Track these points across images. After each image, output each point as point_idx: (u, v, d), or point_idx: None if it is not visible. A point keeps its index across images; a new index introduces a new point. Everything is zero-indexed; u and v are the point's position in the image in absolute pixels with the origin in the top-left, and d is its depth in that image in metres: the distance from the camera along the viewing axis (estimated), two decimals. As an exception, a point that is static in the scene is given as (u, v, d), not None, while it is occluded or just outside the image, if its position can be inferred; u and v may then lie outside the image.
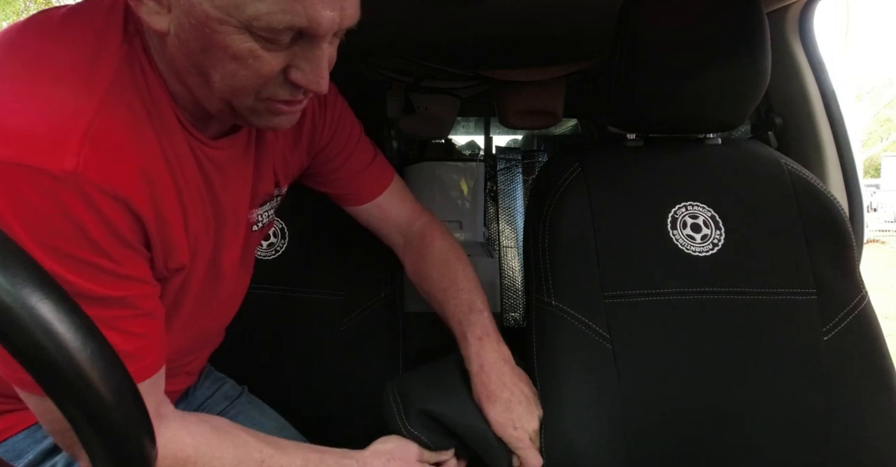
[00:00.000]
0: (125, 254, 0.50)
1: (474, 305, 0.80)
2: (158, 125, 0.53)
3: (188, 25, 0.46)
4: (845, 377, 0.78)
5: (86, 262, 0.47)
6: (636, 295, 0.80)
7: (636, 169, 0.86)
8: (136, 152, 0.50)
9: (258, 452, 0.61)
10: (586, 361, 0.78)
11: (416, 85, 1.54)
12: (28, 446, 0.63)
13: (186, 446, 0.57)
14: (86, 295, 0.48)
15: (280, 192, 0.75)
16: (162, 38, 0.50)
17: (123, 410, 0.31)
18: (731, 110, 0.83)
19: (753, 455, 0.76)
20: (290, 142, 0.73)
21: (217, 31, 0.46)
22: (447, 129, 1.72)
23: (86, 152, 0.45)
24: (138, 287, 0.53)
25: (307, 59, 0.50)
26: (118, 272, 0.50)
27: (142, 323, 0.53)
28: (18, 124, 0.44)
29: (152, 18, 0.47)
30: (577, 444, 0.75)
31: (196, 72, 0.50)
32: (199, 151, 0.58)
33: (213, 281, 0.67)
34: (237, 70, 0.49)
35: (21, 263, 0.29)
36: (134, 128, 0.50)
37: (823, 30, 1.10)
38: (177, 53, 0.50)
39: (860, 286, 0.83)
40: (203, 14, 0.45)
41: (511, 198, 1.88)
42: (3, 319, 0.27)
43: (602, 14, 1.07)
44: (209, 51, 0.48)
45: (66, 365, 0.29)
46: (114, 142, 0.48)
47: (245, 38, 0.46)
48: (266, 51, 0.48)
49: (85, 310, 0.43)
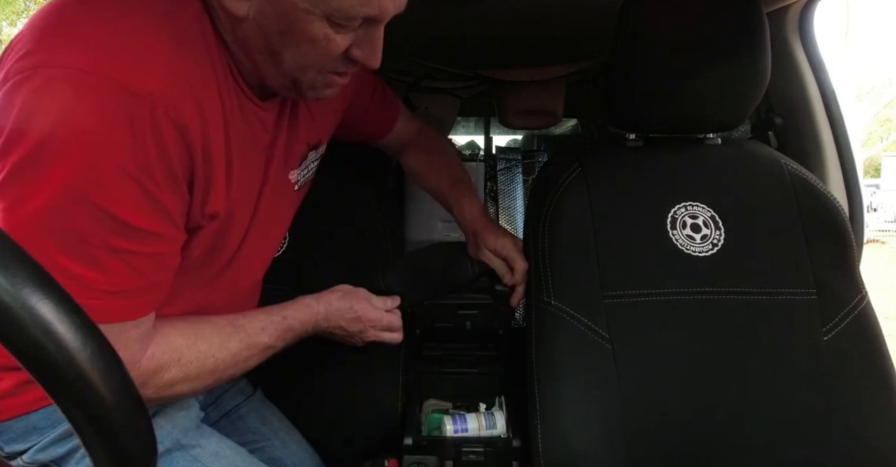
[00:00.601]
0: (169, 185, 0.54)
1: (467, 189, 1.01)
2: (221, 78, 0.58)
3: (271, 13, 0.53)
4: (845, 377, 0.78)
5: (134, 179, 0.51)
6: (636, 295, 0.80)
7: (636, 169, 0.86)
8: (199, 93, 0.55)
9: (229, 324, 0.69)
10: (586, 361, 0.78)
11: (416, 85, 1.54)
12: (50, 424, 0.65)
13: (174, 341, 0.63)
14: (122, 220, 0.52)
15: (317, 155, 0.82)
16: (237, 22, 0.55)
17: (123, 410, 0.31)
18: (731, 110, 0.83)
19: (753, 454, 0.76)
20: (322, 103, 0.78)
21: (300, 19, 0.53)
22: (447, 129, 1.72)
23: (163, 80, 0.51)
24: (167, 225, 0.56)
25: (368, 39, 0.58)
26: (157, 198, 0.53)
27: (150, 263, 0.57)
28: (112, 44, 0.50)
29: (232, 4, 0.53)
30: (577, 444, 0.75)
31: (267, 51, 0.57)
32: (249, 110, 0.63)
33: (262, 237, 0.74)
34: (310, 51, 0.56)
35: (21, 263, 0.29)
36: (200, 73, 0.56)
37: (823, 30, 1.10)
38: (251, 35, 0.56)
39: (860, 286, 0.83)
40: (290, 4, 0.52)
41: (511, 198, 1.87)
42: (3, 319, 0.27)
43: (602, 14, 1.07)
44: (287, 34, 0.54)
45: (66, 365, 0.29)
46: (184, 78, 0.53)
47: (323, 25, 0.54)
48: (337, 34, 0.55)
49: (112, 237, 0.51)
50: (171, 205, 0.56)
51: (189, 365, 0.63)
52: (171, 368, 0.62)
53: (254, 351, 0.70)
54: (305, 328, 0.77)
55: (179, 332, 0.64)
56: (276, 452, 0.89)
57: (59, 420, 0.64)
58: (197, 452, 0.72)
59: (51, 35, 0.51)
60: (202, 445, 0.73)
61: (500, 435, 0.95)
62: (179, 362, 0.63)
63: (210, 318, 0.69)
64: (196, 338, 0.65)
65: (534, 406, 0.79)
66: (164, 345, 0.62)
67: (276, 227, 0.81)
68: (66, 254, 0.51)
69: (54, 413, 0.64)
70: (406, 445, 0.91)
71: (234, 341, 0.68)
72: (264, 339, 0.71)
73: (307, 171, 0.81)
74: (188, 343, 0.64)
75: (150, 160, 0.52)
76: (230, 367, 0.68)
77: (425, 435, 0.96)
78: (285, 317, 0.75)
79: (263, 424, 0.91)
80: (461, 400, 1.07)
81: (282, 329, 0.74)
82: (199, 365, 0.64)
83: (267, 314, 0.74)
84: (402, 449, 0.91)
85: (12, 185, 0.50)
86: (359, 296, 0.84)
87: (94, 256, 0.52)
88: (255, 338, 0.70)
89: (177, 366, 0.62)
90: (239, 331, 0.69)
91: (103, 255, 0.52)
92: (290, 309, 0.77)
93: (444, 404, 1.07)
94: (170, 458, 0.69)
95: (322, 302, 0.80)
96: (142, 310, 0.58)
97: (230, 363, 0.67)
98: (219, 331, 0.68)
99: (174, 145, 0.53)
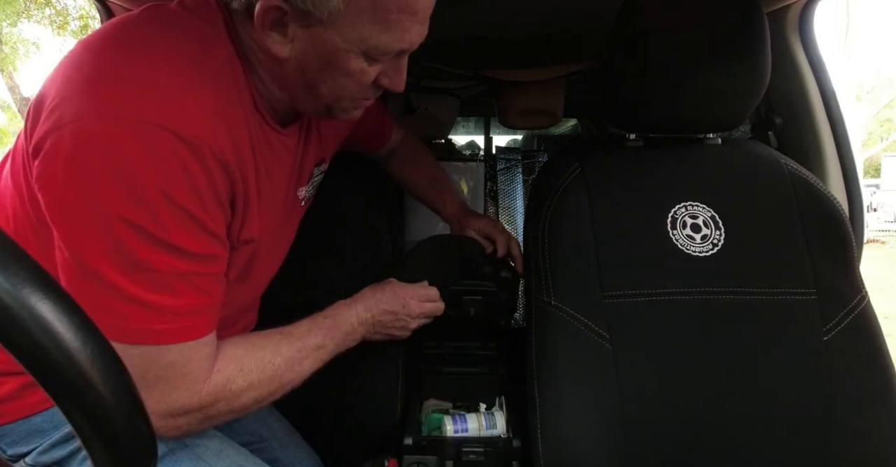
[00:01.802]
0: (216, 212, 0.59)
1: (447, 186, 1.13)
2: (248, 112, 0.63)
3: (312, 52, 0.58)
4: (845, 377, 0.78)
5: (187, 212, 0.56)
6: (636, 295, 0.80)
7: (636, 169, 0.86)
8: (233, 130, 0.60)
9: (276, 332, 0.73)
10: (586, 361, 0.78)
11: (416, 85, 1.54)
12: (53, 426, 0.65)
13: (234, 352, 0.67)
14: (180, 248, 0.56)
15: (322, 169, 0.85)
16: (277, 60, 0.60)
17: (123, 410, 0.31)
18: (731, 110, 0.83)
19: (753, 454, 0.76)
20: (330, 123, 0.83)
21: (340, 58, 0.59)
22: (447, 129, 1.72)
23: (207, 121, 0.56)
24: (219, 247, 0.61)
25: (395, 68, 0.64)
26: (209, 227, 0.58)
27: (212, 282, 0.62)
28: (155, 90, 0.54)
29: (276, 47, 0.58)
30: (577, 444, 0.75)
31: (305, 85, 0.62)
32: (273, 139, 0.68)
33: (272, 254, 0.79)
34: (347, 83, 0.62)
35: (21, 263, 0.29)
36: (232, 111, 0.60)
37: (823, 30, 1.11)
38: (292, 73, 0.61)
39: (860, 286, 0.82)
40: (332, 45, 0.57)
41: (511, 198, 1.87)
42: (3, 319, 0.27)
43: (602, 14, 1.07)
44: (327, 70, 0.60)
45: (66, 365, 0.29)
46: (222, 117, 0.58)
47: (360, 61, 0.60)
48: (370, 66, 0.61)
49: (175, 263, 0.56)
50: (221, 230, 0.61)
51: (251, 374, 0.66)
52: (236, 379, 0.65)
53: (305, 353, 0.73)
54: (350, 323, 0.81)
55: (234, 344, 0.67)
56: (275, 453, 0.89)
57: (62, 422, 0.65)
58: (200, 451, 0.72)
59: (92, 84, 0.54)
60: (205, 444, 0.73)
61: (500, 435, 0.95)
62: (242, 371, 0.65)
63: (253, 332, 0.73)
64: (251, 347, 0.68)
65: (534, 406, 0.79)
66: (225, 357, 0.65)
67: (284, 243, 0.83)
68: (137, 284, 0.55)
69: (56, 415, 0.64)
70: (406, 445, 0.91)
71: (285, 345, 0.71)
72: (313, 340, 0.74)
73: (312, 188, 0.84)
74: (245, 352, 0.67)
75: (200, 189, 0.56)
76: (287, 372, 0.70)
77: (425, 435, 0.96)
78: (326, 317, 0.79)
79: (262, 425, 0.91)
80: (461, 400, 1.07)
81: (326, 326, 0.77)
82: (259, 372, 0.67)
83: (309, 319, 0.78)
84: (402, 449, 0.91)
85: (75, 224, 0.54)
86: (388, 282, 0.89)
87: (164, 282, 0.56)
88: (303, 340, 0.73)
89: (241, 376, 0.65)
90: (287, 336, 0.73)
91: (171, 280, 0.56)
92: (328, 309, 0.81)
93: (444, 404, 1.07)
94: (174, 457, 0.70)
95: (356, 298, 0.85)
96: (210, 327, 0.62)
97: (286, 367, 0.70)
98: (268, 339, 0.71)
99: (220, 179, 0.58)
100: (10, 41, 8.14)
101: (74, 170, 0.52)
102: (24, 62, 8.66)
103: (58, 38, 8.16)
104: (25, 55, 8.49)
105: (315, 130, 0.79)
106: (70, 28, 8.01)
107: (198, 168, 0.55)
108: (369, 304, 0.84)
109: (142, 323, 0.56)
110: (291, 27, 0.57)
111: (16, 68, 8.47)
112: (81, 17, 8.06)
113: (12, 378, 0.63)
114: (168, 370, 0.58)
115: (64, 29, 8.02)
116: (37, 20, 8.04)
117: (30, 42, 8.51)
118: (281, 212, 0.75)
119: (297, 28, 0.57)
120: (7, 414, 0.65)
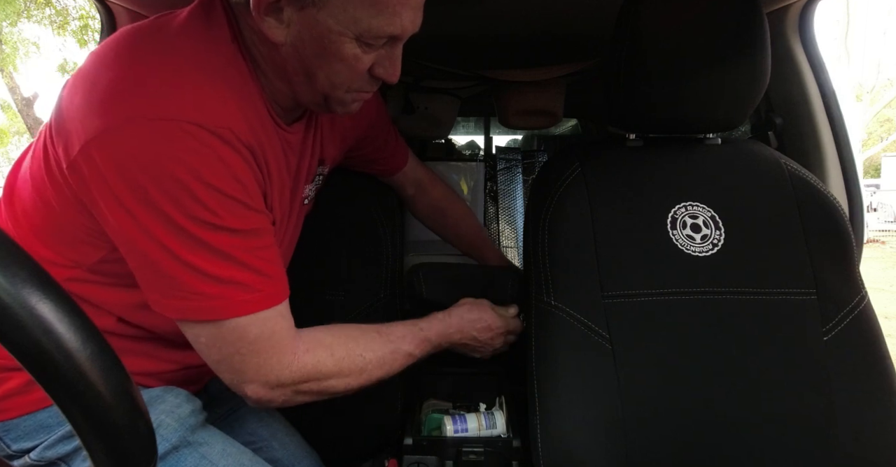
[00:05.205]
0: (254, 189, 0.63)
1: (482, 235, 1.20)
2: (259, 108, 0.66)
3: (307, 36, 0.60)
4: (845, 377, 0.78)
5: (229, 196, 0.59)
6: (636, 295, 0.80)
7: (636, 169, 0.86)
8: (252, 122, 0.63)
9: (372, 330, 0.76)
10: (586, 361, 0.78)
11: (416, 85, 1.54)
12: (58, 422, 0.66)
13: (323, 338, 0.71)
14: (234, 229, 0.60)
15: (323, 171, 0.87)
16: (275, 47, 0.62)
17: (123, 410, 0.31)
18: (731, 110, 0.83)
19: (753, 454, 0.76)
20: (335, 126, 0.85)
21: (334, 41, 0.60)
22: (447, 129, 1.72)
23: (231, 116, 0.60)
24: (263, 219, 0.65)
25: (389, 57, 0.65)
26: (251, 204, 0.62)
27: (272, 253, 0.66)
28: (182, 91, 0.58)
29: (272, 32, 0.60)
30: (577, 444, 0.75)
31: (303, 72, 0.64)
32: (280, 135, 0.70)
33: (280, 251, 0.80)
34: (341, 69, 0.63)
35: (21, 263, 0.29)
36: (246, 106, 0.63)
37: (823, 30, 1.11)
38: (289, 58, 0.63)
39: (860, 286, 0.82)
40: (325, 28, 0.59)
41: (511, 198, 1.88)
42: (3, 319, 0.27)
43: (602, 14, 1.07)
44: (322, 56, 0.61)
45: (66, 365, 0.29)
46: (241, 113, 0.62)
47: (353, 45, 0.61)
48: (364, 53, 0.62)
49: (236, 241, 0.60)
50: (258, 202, 0.65)
51: (341, 361, 0.70)
52: (326, 362, 0.69)
53: (397, 356, 0.76)
54: (440, 341, 0.83)
55: (326, 331, 0.72)
56: (275, 453, 0.89)
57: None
58: (205, 450, 0.72)
59: (117, 93, 0.57)
60: (210, 443, 0.73)
61: (500, 435, 0.95)
62: (333, 356, 0.69)
63: (351, 324, 0.77)
64: (344, 337, 0.72)
65: (534, 406, 0.79)
66: (313, 340, 0.69)
67: (289, 242, 0.84)
68: (215, 266, 0.60)
69: None
70: (406, 445, 0.91)
71: (379, 344, 0.74)
72: (406, 347, 0.77)
73: (314, 188, 0.86)
74: (336, 340, 0.71)
75: (237, 173, 0.60)
76: (376, 369, 0.73)
77: (425, 435, 0.96)
78: (422, 328, 0.81)
79: (262, 425, 0.91)
80: (461, 400, 1.07)
81: (420, 338, 0.80)
82: (349, 361, 0.71)
83: (404, 324, 0.81)
84: (402, 449, 0.91)
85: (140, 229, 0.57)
86: (484, 305, 0.92)
87: (235, 259, 0.61)
88: (398, 344, 0.76)
89: (330, 360, 0.69)
90: (383, 336, 0.76)
91: (241, 255, 0.61)
92: (425, 321, 0.83)
93: (444, 404, 1.07)
94: (177, 455, 0.70)
95: (454, 315, 0.87)
96: (284, 293, 0.67)
97: (377, 365, 0.73)
98: (364, 333, 0.74)
99: (252, 162, 0.63)
100: (10, 41, 8.14)
101: (121, 179, 0.56)
102: (25, 62, 8.66)
103: (58, 37, 8.15)
104: (25, 55, 8.49)
105: (319, 130, 0.80)
106: (70, 28, 8.01)
107: (230, 154, 0.59)
108: (463, 325, 0.87)
109: (229, 297, 0.61)
110: (287, 11, 0.59)
111: (16, 68, 8.47)
112: (81, 17, 8.05)
113: (18, 373, 0.64)
114: (257, 343, 0.63)
115: (64, 29, 8.02)
116: (37, 20, 8.04)
117: (30, 42, 8.52)
118: (287, 207, 0.76)
119: (292, 11, 0.59)
120: (12, 410, 0.65)
